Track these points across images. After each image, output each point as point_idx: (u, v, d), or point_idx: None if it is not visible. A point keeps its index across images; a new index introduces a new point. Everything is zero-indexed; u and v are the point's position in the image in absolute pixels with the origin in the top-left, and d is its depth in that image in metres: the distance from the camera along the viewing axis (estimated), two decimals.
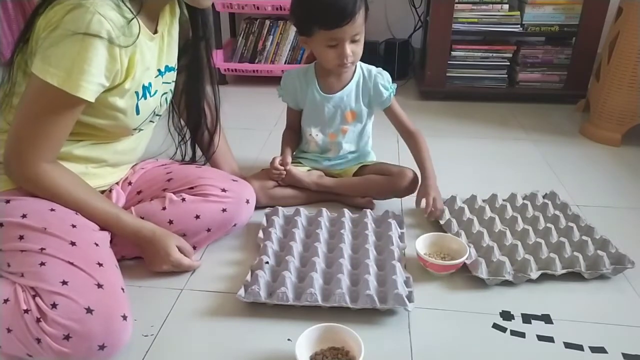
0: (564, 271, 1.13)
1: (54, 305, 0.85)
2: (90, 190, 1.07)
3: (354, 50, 1.27)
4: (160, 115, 1.22)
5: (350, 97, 1.38)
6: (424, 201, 1.33)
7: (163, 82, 1.15)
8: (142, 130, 1.16)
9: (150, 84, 1.09)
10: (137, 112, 1.07)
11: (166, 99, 1.19)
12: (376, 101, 1.39)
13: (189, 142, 1.34)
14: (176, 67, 1.20)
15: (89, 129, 1.04)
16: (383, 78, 1.38)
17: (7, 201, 0.98)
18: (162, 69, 1.14)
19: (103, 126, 1.05)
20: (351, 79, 1.38)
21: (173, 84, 1.20)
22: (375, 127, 1.47)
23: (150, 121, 1.18)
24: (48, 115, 0.94)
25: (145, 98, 1.08)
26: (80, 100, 0.93)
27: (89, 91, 0.93)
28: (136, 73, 1.02)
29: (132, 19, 0.96)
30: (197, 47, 1.21)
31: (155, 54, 1.10)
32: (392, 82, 1.40)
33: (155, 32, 1.09)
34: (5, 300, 0.87)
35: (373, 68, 1.40)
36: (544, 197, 1.42)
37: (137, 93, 1.05)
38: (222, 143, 1.39)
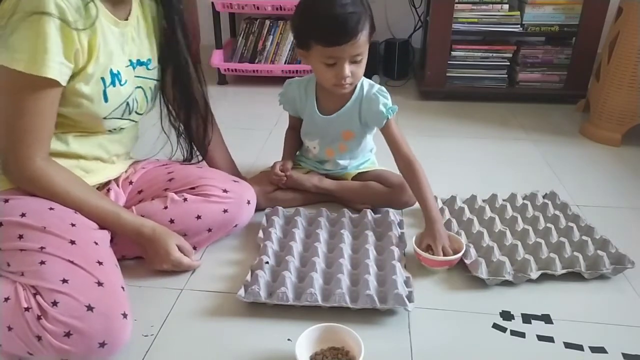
0: (564, 271, 1.13)
1: (54, 303, 0.85)
2: (88, 188, 1.07)
3: (353, 71, 1.19)
4: (141, 114, 1.19)
5: (346, 117, 1.33)
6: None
7: (135, 76, 1.13)
8: (122, 128, 1.16)
9: (119, 72, 1.07)
10: (105, 100, 1.05)
11: (145, 96, 1.17)
12: (371, 123, 1.33)
13: (184, 137, 1.33)
14: (151, 63, 1.17)
15: (60, 117, 1.03)
16: (378, 101, 1.27)
17: (6, 200, 0.98)
18: (134, 60, 1.13)
19: (71, 114, 1.04)
20: (350, 97, 1.31)
21: (150, 81, 1.18)
22: (378, 133, 1.46)
23: (130, 120, 1.15)
24: (26, 105, 0.94)
25: (114, 85, 1.06)
26: (49, 81, 0.93)
27: (54, 70, 0.92)
28: (99, 57, 1.01)
29: (90, 1, 0.96)
30: (173, 33, 1.18)
31: (125, 41, 1.09)
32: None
33: (126, 19, 1.09)
34: (6, 299, 0.87)
35: (375, 87, 1.30)
36: (544, 197, 1.42)
37: (103, 79, 1.04)
38: (219, 144, 1.39)
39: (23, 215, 0.95)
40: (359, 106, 1.31)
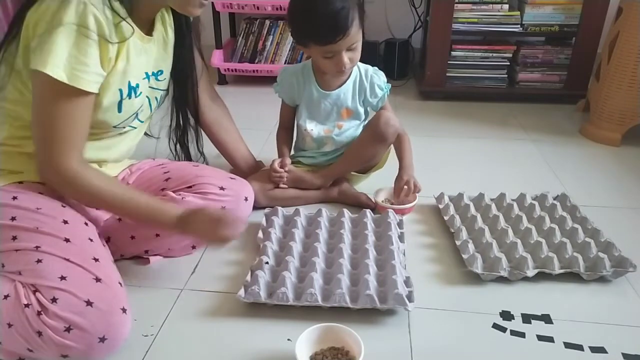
0: (561, 271, 1.13)
1: (54, 300, 0.86)
2: (127, 188, 1.09)
3: (351, 57, 1.26)
4: (143, 122, 1.19)
5: (347, 95, 1.38)
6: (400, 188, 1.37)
7: (149, 87, 1.14)
8: (123, 133, 1.16)
9: (137, 85, 1.08)
10: (119, 110, 1.06)
11: (149, 105, 1.18)
12: (372, 101, 1.39)
13: (180, 143, 1.35)
14: (162, 74, 1.18)
15: None
16: (379, 78, 1.39)
17: None
18: (149, 73, 1.13)
19: None
20: (349, 77, 1.38)
21: (157, 91, 1.19)
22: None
23: (132, 126, 1.16)
24: (61, 112, 0.93)
25: (130, 97, 1.07)
26: (85, 92, 0.94)
27: (90, 82, 0.93)
28: (119, 67, 1.01)
29: (122, 20, 0.97)
30: (180, 47, 1.21)
31: (149, 56, 1.10)
32: (388, 82, 1.41)
33: (149, 35, 1.10)
34: (6, 296, 0.88)
35: (369, 67, 1.40)
36: (554, 198, 1.41)
37: (121, 91, 1.04)
38: (231, 128, 1.44)
39: (13, 219, 0.95)
40: (358, 86, 1.39)
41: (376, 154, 1.41)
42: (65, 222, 0.98)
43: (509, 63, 2.24)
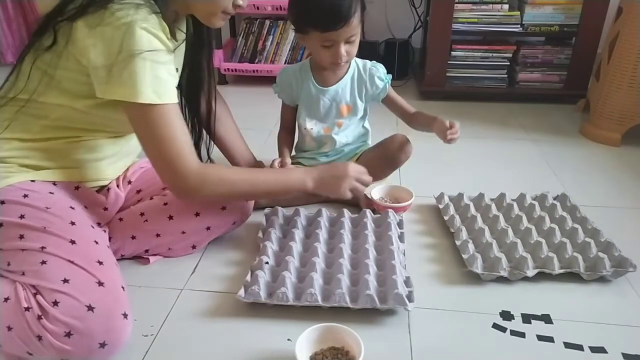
0: (561, 271, 1.13)
1: (55, 303, 0.85)
2: (248, 170, 1.24)
3: (348, 50, 1.27)
4: None
5: (345, 90, 1.39)
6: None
7: None
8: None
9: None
10: None
11: None
12: (373, 92, 1.39)
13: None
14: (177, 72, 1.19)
15: (94, 119, 1.05)
16: (378, 70, 1.39)
17: (2, 202, 0.97)
18: (176, 69, 1.15)
19: (116, 123, 1.07)
20: (346, 72, 1.39)
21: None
22: (373, 117, 1.47)
23: None
24: (161, 131, 0.96)
25: None
26: (173, 104, 0.97)
27: (173, 94, 0.97)
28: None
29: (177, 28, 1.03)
30: (198, 54, 1.22)
31: (178, 56, 1.12)
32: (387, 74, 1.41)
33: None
34: (6, 299, 0.88)
35: (367, 61, 1.41)
36: (554, 198, 1.41)
37: None
38: (232, 127, 1.44)
39: (22, 217, 0.95)
40: (357, 80, 1.39)
41: (383, 175, 1.42)
42: (73, 223, 0.98)
43: (509, 63, 2.25)
